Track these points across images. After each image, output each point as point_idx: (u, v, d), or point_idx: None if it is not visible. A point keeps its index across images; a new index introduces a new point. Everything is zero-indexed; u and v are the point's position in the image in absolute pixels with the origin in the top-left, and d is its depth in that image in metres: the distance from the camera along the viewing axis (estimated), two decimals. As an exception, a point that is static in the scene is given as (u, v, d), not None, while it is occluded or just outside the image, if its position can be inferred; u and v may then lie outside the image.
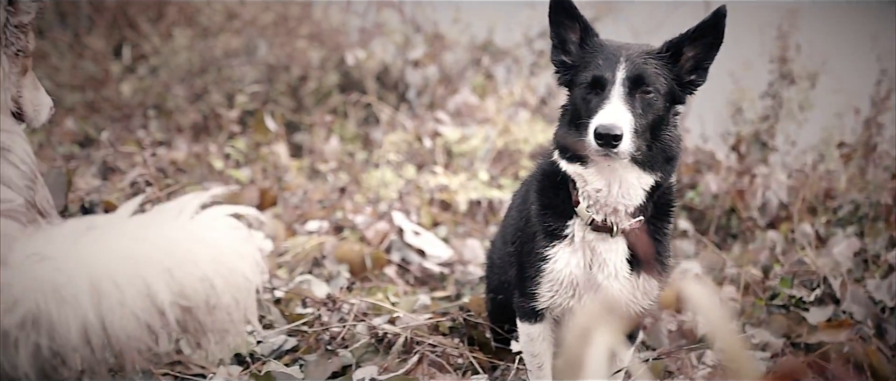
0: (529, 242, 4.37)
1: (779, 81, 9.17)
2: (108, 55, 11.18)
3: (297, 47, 11.31)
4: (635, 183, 4.12)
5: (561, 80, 4.27)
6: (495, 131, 9.90)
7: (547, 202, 4.31)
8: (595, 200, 4.13)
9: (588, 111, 3.95)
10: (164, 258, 3.19)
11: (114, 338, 3.12)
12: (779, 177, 8.79)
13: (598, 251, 4.21)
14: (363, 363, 4.90)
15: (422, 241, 7.35)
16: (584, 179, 4.11)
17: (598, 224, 4.17)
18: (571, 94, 4.17)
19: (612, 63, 3.98)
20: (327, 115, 10.57)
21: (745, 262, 7.03)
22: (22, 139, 3.79)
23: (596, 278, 4.22)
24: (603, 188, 4.11)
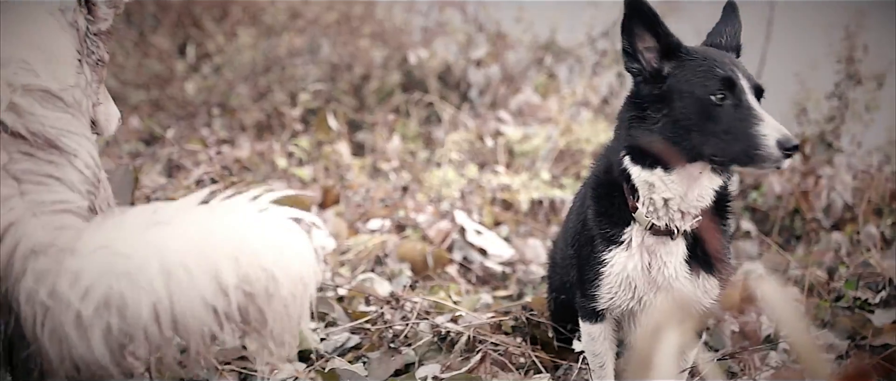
0: (587, 245, 4.37)
1: (845, 82, 9.09)
2: (173, 54, 11.28)
3: (359, 46, 11.34)
4: (707, 186, 4.14)
5: (647, 89, 4.19)
6: (557, 131, 9.89)
7: (603, 208, 4.29)
8: (664, 205, 4.12)
9: (728, 121, 3.91)
10: (229, 246, 3.23)
11: (181, 318, 3.17)
12: (844, 178, 8.72)
13: (658, 253, 4.20)
14: (426, 362, 4.91)
15: (483, 240, 7.35)
16: (664, 185, 4.09)
17: (658, 228, 4.16)
18: (675, 104, 4.09)
19: (730, 67, 4.02)
20: (389, 114, 10.61)
21: (810, 263, 6.98)
22: (90, 144, 3.82)
23: (655, 279, 4.22)
24: (677, 196, 4.11)
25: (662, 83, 4.09)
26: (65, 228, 3.36)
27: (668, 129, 4.03)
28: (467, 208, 8.04)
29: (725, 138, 3.89)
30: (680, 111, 4.02)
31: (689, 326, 4.30)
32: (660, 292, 4.23)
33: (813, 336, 5.58)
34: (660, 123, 4.06)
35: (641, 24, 4.10)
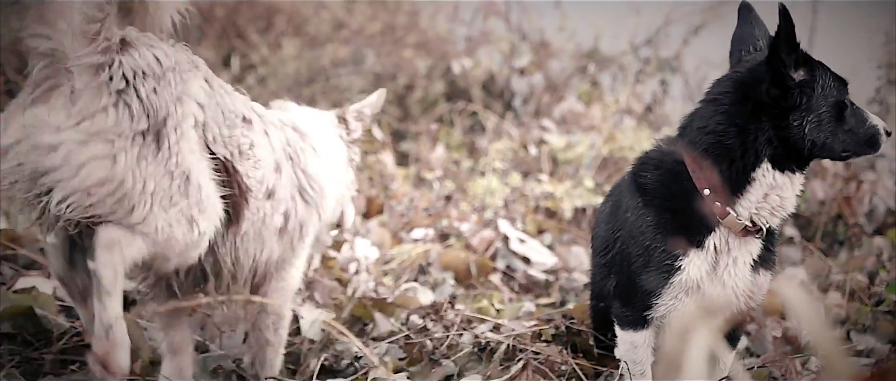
0: (643, 254, 4.37)
1: (886, 87, 9.09)
2: (218, 65, 11.34)
3: (403, 56, 11.40)
4: (799, 186, 4.35)
5: (794, 97, 4.29)
6: (601, 139, 9.92)
7: (675, 218, 4.31)
8: (778, 206, 4.24)
9: (857, 122, 4.22)
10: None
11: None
12: (886, 183, 8.72)
13: (730, 253, 4.28)
14: (466, 373, 4.94)
15: (527, 248, 7.40)
16: (791, 186, 4.29)
17: (749, 228, 4.23)
18: (814, 108, 4.15)
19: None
20: (433, 123, 10.66)
21: (852, 268, 6.99)
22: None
23: (722, 278, 4.28)
24: (788, 194, 4.28)
25: (805, 90, 4.18)
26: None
27: (818, 132, 4.16)
28: (511, 217, 8.07)
29: (855, 135, 4.19)
30: (827, 115, 4.16)
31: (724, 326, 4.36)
32: (726, 291, 4.30)
33: (840, 339, 5.59)
34: (808, 127, 4.16)
35: (788, 33, 4.20)
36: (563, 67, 12.00)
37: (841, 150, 4.21)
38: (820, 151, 4.20)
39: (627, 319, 4.48)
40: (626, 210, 4.49)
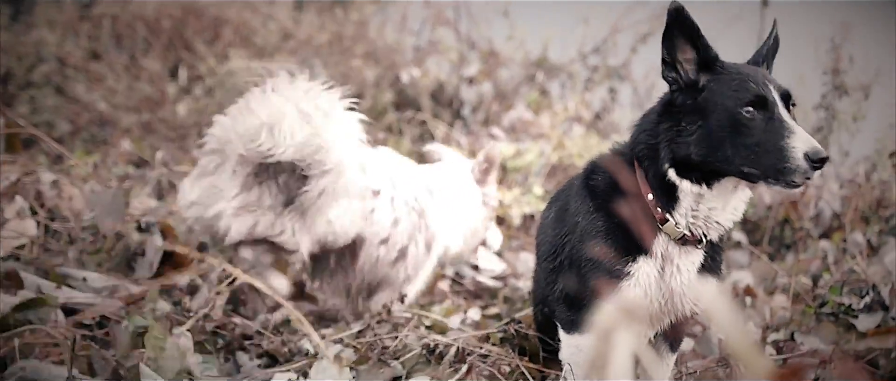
0: (589, 260, 4.34)
1: (832, 93, 9.18)
2: (165, 76, 11.31)
3: (352, 66, 11.40)
4: (741, 200, 4.20)
5: (682, 98, 4.18)
6: (550, 146, 9.95)
7: (620, 221, 4.27)
8: (706, 218, 4.15)
9: (762, 136, 3.90)
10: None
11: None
12: (832, 187, 8.80)
13: (675, 261, 4.23)
14: (414, 375, 4.93)
15: (476, 255, 7.40)
16: (702, 198, 4.12)
17: (688, 238, 4.18)
18: (711, 117, 4.02)
19: (762, 82, 4.01)
20: (382, 132, 10.65)
21: (797, 271, 7.04)
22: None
23: (669, 285, 4.23)
24: (717, 207, 4.12)
25: (697, 95, 4.11)
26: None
27: (704, 141, 4.03)
28: (459, 224, 8.09)
29: (757, 152, 3.89)
30: (714, 124, 4.02)
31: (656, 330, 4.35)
32: (672, 296, 4.25)
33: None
34: (694, 135, 4.06)
35: (682, 34, 4.11)
36: (511, 75, 12.04)
37: (740, 165, 3.94)
38: (716, 164, 4.01)
39: (573, 323, 4.44)
40: (576, 214, 4.45)
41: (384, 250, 5.96)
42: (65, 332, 4.45)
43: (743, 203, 4.23)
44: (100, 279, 5.53)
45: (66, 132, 10.28)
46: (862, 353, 5.48)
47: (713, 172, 4.05)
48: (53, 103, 10.42)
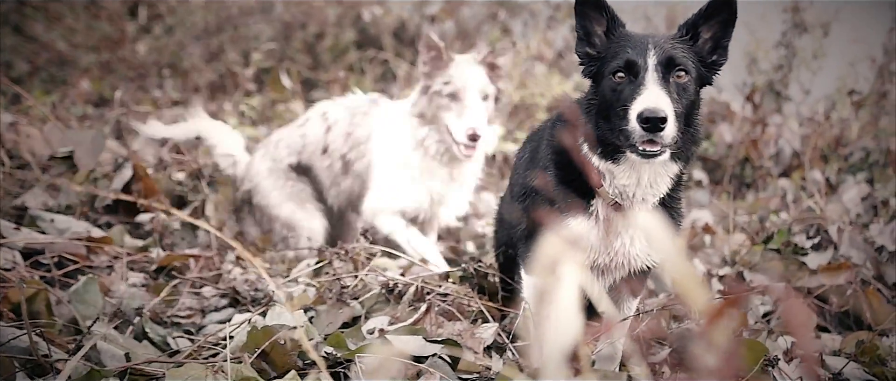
0: (544, 205, 4.33)
1: (791, 31, 9.20)
2: (124, 15, 11.23)
3: (313, 4, 11.35)
4: (663, 174, 4.09)
5: (586, 72, 4.17)
6: (512, 86, 9.92)
7: (567, 179, 4.24)
8: (621, 192, 4.09)
9: (623, 99, 3.83)
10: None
11: None
12: (791, 126, 8.82)
13: (616, 223, 4.18)
14: (373, 314, 4.92)
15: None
16: (613, 174, 4.05)
17: (620, 206, 4.13)
18: (599, 86, 4.05)
19: (642, 49, 3.88)
20: (344, 72, 10.62)
21: (756, 210, 7.07)
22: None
23: (613, 244, 4.20)
24: (630, 184, 4.06)
25: (597, 66, 4.08)
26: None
27: (599, 112, 4.00)
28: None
29: (619, 115, 3.82)
30: (601, 93, 4.00)
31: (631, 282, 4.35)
32: (616, 256, 4.23)
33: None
34: (595, 108, 4.04)
35: (592, 6, 4.09)
36: (473, 13, 12.01)
37: (617, 134, 3.87)
38: (608, 136, 3.95)
39: (530, 264, 4.45)
40: (541, 161, 4.45)
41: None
42: (22, 274, 4.44)
43: (663, 177, 4.10)
44: (65, 221, 5.52)
45: (25, 72, 10.19)
46: (814, 289, 5.53)
47: (615, 148, 3.97)
48: (11, 43, 10.32)
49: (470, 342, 4.43)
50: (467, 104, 5.86)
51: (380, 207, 6.13)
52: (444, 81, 5.94)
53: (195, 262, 5.54)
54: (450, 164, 6.12)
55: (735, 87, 9.60)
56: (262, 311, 4.61)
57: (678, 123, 3.78)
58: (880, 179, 7.25)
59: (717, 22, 4.00)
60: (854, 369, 4.39)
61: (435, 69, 6.01)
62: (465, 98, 5.88)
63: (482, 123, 5.87)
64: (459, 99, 5.89)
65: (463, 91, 5.89)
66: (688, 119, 3.91)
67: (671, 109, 3.69)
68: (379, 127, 6.29)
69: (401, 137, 6.14)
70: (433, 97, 5.97)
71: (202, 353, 4.27)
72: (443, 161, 6.11)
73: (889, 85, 8.68)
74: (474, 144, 5.84)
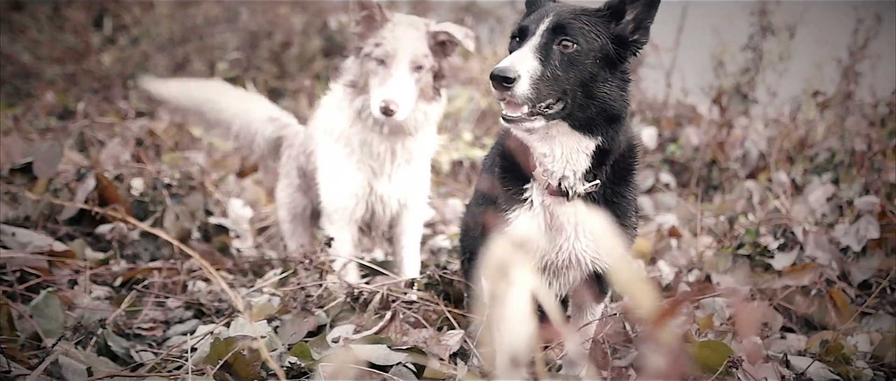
0: (493, 204, 4.34)
1: (758, 34, 9.23)
2: (89, 27, 11.19)
3: (279, 13, 11.33)
4: (577, 147, 4.04)
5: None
6: (479, 92, 9.93)
7: (507, 167, 4.26)
8: (544, 165, 4.08)
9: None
10: None
11: None
12: (758, 127, 8.85)
13: (556, 214, 4.18)
14: (339, 322, 4.90)
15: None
16: (531, 143, 4.07)
17: (553, 189, 4.13)
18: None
19: (540, 16, 3.93)
20: (311, 80, 10.61)
21: (723, 212, 7.08)
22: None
23: (556, 239, 4.19)
24: (547, 153, 4.05)
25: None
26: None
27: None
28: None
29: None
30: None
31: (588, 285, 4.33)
32: (561, 252, 4.22)
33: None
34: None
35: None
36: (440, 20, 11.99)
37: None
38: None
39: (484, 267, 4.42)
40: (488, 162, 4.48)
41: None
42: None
43: (577, 153, 4.06)
44: (27, 235, 5.48)
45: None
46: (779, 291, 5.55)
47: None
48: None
49: (436, 349, 4.42)
50: (392, 73, 5.25)
51: (327, 211, 5.74)
52: (376, 42, 5.31)
53: (159, 273, 5.50)
54: (391, 137, 5.52)
55: (702, 90, 9.62)
56: (225, 322, 4.59)
57: (553, 88, 3.84)
58: (845, 179, 7.28)
59: (642, 4, 4.03)
60: (819, 368, 4.39)
61: (368, 30, 5.38)
62: (392, 65, 5.26)
63: (403, 96, 5.25)
64: (386, 65, 5.27)
65: (392, 57, 5.27)
66: (588, 91, 3.93)
67: (531, 71, 3.75)
68: (319, 112, 5.84)
69: (338, 114, 5.58)
70: (364, 61, 5.37)
71: (166, 366, 4.26)
72: (383, 134, 5.49)
73: (854, 86, 8.72)
74: (387, 118, 5.24)
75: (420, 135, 5.60)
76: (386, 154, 5.56)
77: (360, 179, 5.59)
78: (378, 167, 5.60)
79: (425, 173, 5.90)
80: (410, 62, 5.27)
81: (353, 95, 5.45)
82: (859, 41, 8.82)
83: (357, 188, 5.61)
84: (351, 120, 5.50)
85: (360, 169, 5.58)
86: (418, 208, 5.93)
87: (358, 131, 5.50)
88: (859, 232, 5.92)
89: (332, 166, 5.63)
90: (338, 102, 5.59)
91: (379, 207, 5.71)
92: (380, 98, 5.19)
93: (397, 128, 5.43)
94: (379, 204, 5.71)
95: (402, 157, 5.61)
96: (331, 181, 5.65)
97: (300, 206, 6.20)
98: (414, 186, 5.79)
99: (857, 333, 5.05)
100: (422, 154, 5.74)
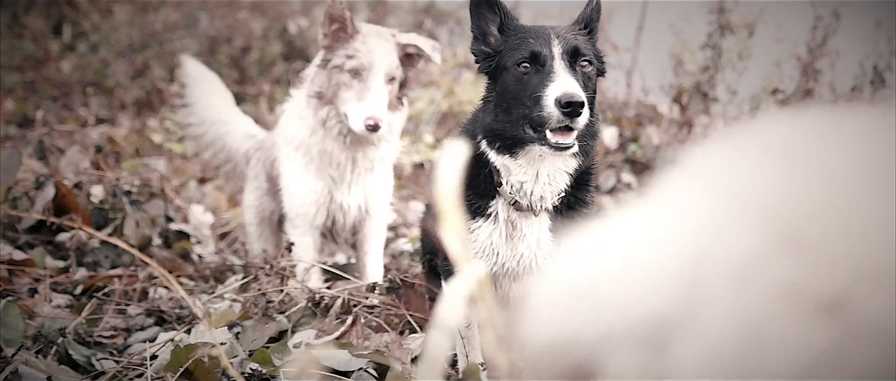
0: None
1: (717, 32, 9.26)
2: (48, 34, 11.15)
3: (238, 18, 11.31)
4: (561, 169, 4.02)
5: (482, 68, 4.14)
6: (440, 94, 9.93)
7: (469, 180, 4.21)
8: (520, 188, 4.05)
9: (531, 88, 3.80)
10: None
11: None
12: (719, 126, 8.88)
13: (519, 226, 4.15)
14: (300, 328, 4.88)
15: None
16: (510, 170, 4.00)
17: (521, 205, 4.10)
18: (500, 80, 4.00)
19: (545, 40, 3.86)
20: (271, 84, 10.59)
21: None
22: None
23: (517, 248, 4.17)
24: (528, 180, 4.02)
25: (494, 61, 4.03)
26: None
27: (498, 105, 3.97)
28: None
29: (527, 105, 3.81)
30: (501, 85, 3.97)
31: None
32: (523, 259, 4.20)
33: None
34: (493, 101, 4.01)
35: (484, 3, 4.08)
36: (400, 22, 12.00)
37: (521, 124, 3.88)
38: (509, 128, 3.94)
39: (447, 272, 4.41)
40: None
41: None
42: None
43: (561, 173, 4.05)
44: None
45: (-53, 93, 10.10)
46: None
47: (515, 141, 3.94)
48: (-67, 64, 10.24)
49: (397, 353, 4.41)
50: (370, 86, 5.23)
51: (289, 216, 5.75)
52: (348, 54, 5.27)
53: (119, 281, 5.47)
54: (353, 146, 5.50)
55: (662, 89, 9.65)
56: (186, 329, 4.58)
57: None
58: (806, 177, 7.31)
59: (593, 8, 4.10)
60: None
61: (337, 42, 5.33)
62: (369, 79, 5.24)
63: (384, 110, 5.24)
64: (362, 78, 5.24)
65: (368, 70, 5.25)
66: (590, 110, 3.84)
67: (584, 96, 3.67)
68: (282, 119, 5.88)
69: (299, 123, 5.57)
70: (332, 73, 5.33)
71: (127, 374, 4.23)
72: (346, 144, 5.47)
73: (814, 83, 8.76)
74: (372, 135, 5.27)
75: (382, 144, 5.58)
76: (346, 163, 5.56)
77: (318, 188, 5.59)
78: (338, 176, 5.59)
79: (388, 180, 5.88)
80: (386, 75, 5.27)
81: (317, 105, 5.42)
82: (818, 38, 8.87)
83: (316, 196, 5.61)
84: (312, 129, 5.49)
85: (319, 177, 5.58)
86: (380, 214, 5.91)
87: (318, 140, 5.49)
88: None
89: (293, 174, 5.63)
90: (299, 110, 5.57)
91: (339, 215, 5.71)
92: (364, 114, 5.17)
93: (361, 139, 5.41)
94: (339, 212, 5.71)
95: (364, 166, 5.60)
96: (291, 188, 5.66)
97: (268, 210, 6.17)
98: (375, 193, 5.78)
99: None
100: (383, 162, 5.72)
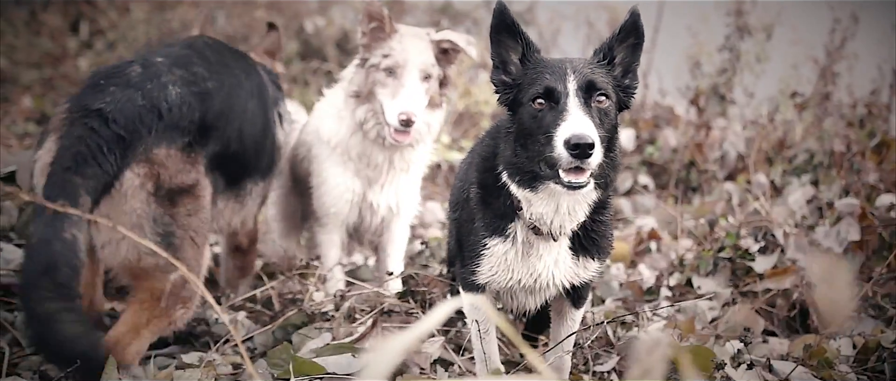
0: (469, 223, 4.27)
1: (735, 34, 9.24)
2: (65, 31, 11.15)
3: (255, 17, 11.29)
4: (582, 202, 3.98)
5: (502, 99, 4.08)
6: (456, 94, 9.91)
7: (489, 199, 4.17)
8: (540, 218, 4.00)
9: (545, 126, 3.72)
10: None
11: None
12: (736, 128, 8.86)
13: (537, 246, 4.11)
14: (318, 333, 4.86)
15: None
16: (530, 202, 3.94)
17: (540, 231, 4.07)
18: (517, 113, 3.95)
19: (560, 74, 3.79)
20: (288, 83, 10.57)
21: (702, 214, 7.08)
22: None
23: (535, 266, 4.14)
24: (548, 212, 3.96)
25: (514, 93, 3.98)
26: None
27: (517, 139, 3.91)
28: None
29: (541, 143, 3.72)
30: (519, 120, 3.92)
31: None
32: (540, 277, 4.16)
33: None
34: (513, 134, 3.94)
35: (507, 32, 3.96)
36: (416, 22, 11.96)
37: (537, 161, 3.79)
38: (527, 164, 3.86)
39: (465, 281, 4.38)
40: (472, 178, 4.38)
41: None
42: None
43: (581, 205, 3.99)
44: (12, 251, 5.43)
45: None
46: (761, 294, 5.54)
47: (534, 176, 3.87)
48: (-49, 62, 10.24)
49: (416, 357, 4.40)
50: (404, 83, 5.30)
51: (318, 215, 5.74)
52: (384, 53, 5.35)
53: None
54: (390, 148, 5.53)
55: (679, 91, 9.63)
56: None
57: (602, 149, 3.68)
58: (825, 180, 7.26)
59: (627, 46, 3.96)
60: (802, 373, 4.37)
61: (375, 41, 5.40)
62: (403, 76, 5.30)
63: (418, 107, 5.30)
64: (397, 76, 5.32)
65: (402, 67, 5.32)
66: (608, 144, 3.82)
67: (596, 135, 3.57)
68: (315, 118, 5.88)
69: (337, 123, 5.60)
70: (370, 71, 5.40)
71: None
72: (383, 146, 5.51)
73: (831, 86, 8.74)
74: (407, 130, 5.28)
75: (420, 145, 5.63)
76: (384, 164, 5.60)
77: (356, 187, 5.63)
78: (374, 176, 5.63)
79: (417, 182, 5.90)
80: (420, 72, 5.31)
81: (355, 104, 5.48)
82: (836, 41, 8.84)
83: (351, 195, 5.63)
84: (351, 130, 5.53)
85: (356, 177, 5.62)
86: (407, 216, 5.93)
87: (358, 142, 5.54)
88: (840, 234, 5.91)
89: (328, 173, 5.64)
90: (337, 110, 5.61)
91: (368, 213, 5.72)
92: (397, 110, 5.23)
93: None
94: (368, 211, 5.71)
95: (400, 167, 5.65)
96: (325, 187, 5.66)
97: (292, 207, 6.18)
98: (405, 193, 5.79)
99: (839, 337, 5.02)
100: (418, 164, 5.78)
